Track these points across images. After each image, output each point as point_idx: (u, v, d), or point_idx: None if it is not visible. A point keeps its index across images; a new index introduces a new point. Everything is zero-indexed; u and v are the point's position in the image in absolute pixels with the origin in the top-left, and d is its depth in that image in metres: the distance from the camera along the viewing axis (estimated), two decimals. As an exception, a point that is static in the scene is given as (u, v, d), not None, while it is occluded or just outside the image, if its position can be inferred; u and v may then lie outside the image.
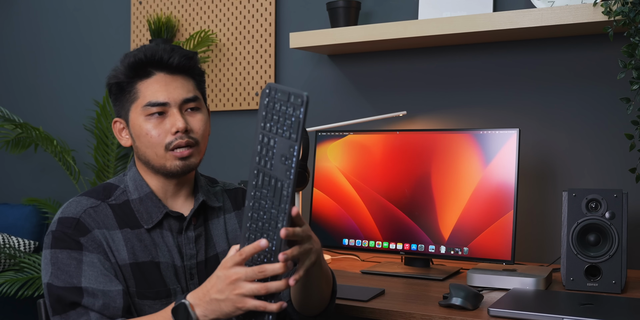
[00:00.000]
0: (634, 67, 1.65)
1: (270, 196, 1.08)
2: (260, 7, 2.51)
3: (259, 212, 1.09)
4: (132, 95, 1.32)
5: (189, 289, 1.34)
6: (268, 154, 1.08)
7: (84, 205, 1.31)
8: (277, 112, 1.07)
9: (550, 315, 1.32)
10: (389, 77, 2.30)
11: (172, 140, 1.29)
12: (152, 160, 1.32)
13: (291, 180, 1.05)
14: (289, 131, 1.05)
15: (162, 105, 1.29)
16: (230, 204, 1.46)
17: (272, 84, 1.08)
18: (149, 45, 1.32)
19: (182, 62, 1.31)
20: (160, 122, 1.30)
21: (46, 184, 3.10)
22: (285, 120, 1.05)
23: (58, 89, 3.06)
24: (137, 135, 1.32)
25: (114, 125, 1.38)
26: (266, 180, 1.08)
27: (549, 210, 2.05)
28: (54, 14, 3.07)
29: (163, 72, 1.31)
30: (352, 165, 1.97)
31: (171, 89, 1.30)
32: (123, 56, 1.33)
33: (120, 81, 1.32)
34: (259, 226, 1.09)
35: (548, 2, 1.94)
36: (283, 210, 1.06)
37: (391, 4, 2.28)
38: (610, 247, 1.60)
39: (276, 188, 1.07)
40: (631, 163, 1.89)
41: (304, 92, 1.04)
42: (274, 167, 1.07)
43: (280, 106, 1.06)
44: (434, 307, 1.46)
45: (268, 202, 1.08)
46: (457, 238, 1.81)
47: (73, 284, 1.22)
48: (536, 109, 2.08)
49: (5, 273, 2.58)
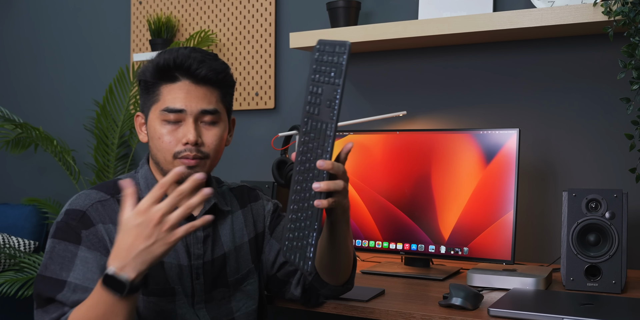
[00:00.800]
0: (634, 67, 1.65)
1: (317, 138, 1.17)
2: (260, 7, 2.51)
3: (307, 155, 1.18)
4: (154, 96, 1.32)
5: (194, 289, 1.34)
6: (316, 101, 1.18)
7: (92, 198, 1.32)
8: (325, 63, 1.16)
9: (550, 315, 1.32)
10: (389, 77, 2.30)
11: (182, 150, 1.29)
12: (161, 163, 1.33)
13: (334, 121, 1.14)
14: (334, 77, 1.14)
15: (178, 112, 1.29)
16: (236, 203, 1.48)
17: (322, 39, 1.18)
18: (183, 51, 1.30)
19: (209, 75, 1.31)
20: (175, 129, 1.30)
21: (46, 184, 3.10)
22: (331, 69, 1.15)
23: (58, 89, 3.06)
24: (151, 137, 1.34)
25: (136, 118, 1.39)
26: (313, 125, 1.18)
27: (549, 210, 2.05)
28: (54, 14, 3.07)
29: (189, 80, 1.30)
30: (352, 165, 1.97)
31: (191, 98, 1.30)
32: (157, 54, 1.33)
33: (146, 79, 1.33)
34: (306, 168, 1.18)
35: (548, 2, 1.94)
36: (325, 149, 1.15)
37: (391, 4, 2.28)
38: (610, 247, 1.60)
39: (321, 130, 1.16)
40: (631, 163, 1.89)
41: (347, 41, 1.14)
42: (320, 112, 1.17)
43: (327, 57, 1.16)
44: (434, 307, 1.46)
45: (314, 144, 1.17)
46: (457, 238, 1.81)
47: (61, 276, 1.23)
48: (536, 109, 2.08)
49: (5, 273, 2.58)
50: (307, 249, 1.19)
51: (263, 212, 1.51)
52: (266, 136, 2.51)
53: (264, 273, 1.49)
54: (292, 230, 1.22)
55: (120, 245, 1.10)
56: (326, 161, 1.14)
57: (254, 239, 1.47)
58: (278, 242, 1.48)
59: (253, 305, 1.45)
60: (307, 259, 1.19)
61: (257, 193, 1.53)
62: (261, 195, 1.53)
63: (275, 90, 2.50)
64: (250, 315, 1.44)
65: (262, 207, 1.51)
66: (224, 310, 1.39)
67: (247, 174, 2.53)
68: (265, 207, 1.51)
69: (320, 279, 1.41)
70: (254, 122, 2.54)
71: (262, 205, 1.51)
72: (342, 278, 1.42)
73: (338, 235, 1.30)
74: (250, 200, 1.50)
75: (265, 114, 2.53)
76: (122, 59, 2.87)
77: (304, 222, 1.19)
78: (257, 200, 1.52)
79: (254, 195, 1.52)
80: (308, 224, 1.18)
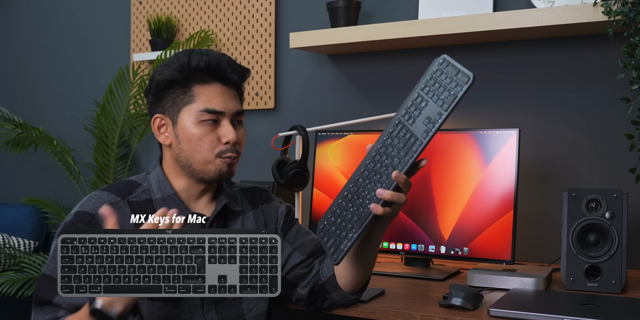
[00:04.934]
0: (634, 67, 1.65)
1: (400, 147, 1.18)
2: (260, 7, 2.51)
3: (382, 156, 1.21)
4: (187, 97, 1.33)
5: None
6: (415, 111, 1.18)
7: (103, 201, 1.33)
8: (440, 81, 1.16)
9: (550, 316, 1.32)
10: (389, 77, 2.30)
11: (225, 150, 1.34)
12: (196, 163, 1.34)
13: (425, 141, 1.14)
14: (444, 101, 1.13)
15: (218, 114, 1.33)
16: (247, 204, 1.48)
17: (447, 56, 1.18)
18: (214, 54, 1.34)
19: (239, 80, 1.37)
20: (212, 130, 1.33)
21: (46, 184, 3.10)
22: (444, 91, 1.14)
23: (58, 89, 3.07)
24: (185, 138, 1.33)
25: (153, 121, 1.38)
26: (402, 133, 1.19)
27: (549, 210, 2.05)
28: (54, 14, 3.08)
29: (220, 82, 1.35)
30: (352, 165, 1.97)
31: (227, 100, 1.35)
32: (176, 55, 1.34)
33: (174, 79, 1.33)
34: (376, 167, 1.21)
35: (548, 2, 1.94)
36: (405, 162, 1.16)
37: (391, 4, 2.28)
38: (610, 247, 1.60)
39: (408, 141, 1.17)
40: (631, 163, 1.89)
41: (472, 73, 1.11)
42: (415, 124, 1.17)
43: (446, 78, 1.15)
44: (434, 307, 1.46)
45: (394, 151, 1.19)
46: (457, 238, 1.81)
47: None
48: (536, 109, 2.08)
49: (5, 273, 2.58)
50: (343, 242, 1.22)
51: (276, 213, 1.51)
52: (266, 136, 2.51)
53: None
54: (337, 215, 1.25)
55: None
56: (402, 175, 1.16)
57: None
58: (290, 245, 1.48)
59: (264, 306, 1.45)
60: (340, 251, 1.22)
61: (270, 195, 1.54)
62: (274, 197, 1.54)
63: (275, 90, 2.50)
64: (261, 316, 1.44)
65: (274, 209, 1.51)
66: (235, 312, 1.39)
67: (247, 174, 2.53)
68: (278, 209, 1.52)
69: (336, 282, 1.41)
70: (254, 122, 2.54)
71: (274, 207, 1.51)
72: (357, 286, 1.42)
73: (373, 239, 1.33)
74: (262, 201, 1.51)
75: (265, 114, 2.53)
76: (122, 59, 2.87)
77: (352, 215, 1.22)
78: (270, 201, 1.52)
79: (266, 197, 1.52)
80: (356, 219, 1.21)
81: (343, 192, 1.26)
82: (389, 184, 1.18)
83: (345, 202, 1.25)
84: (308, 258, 1.47)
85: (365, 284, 1.45)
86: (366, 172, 1.23)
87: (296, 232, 1.50)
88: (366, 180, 1.22)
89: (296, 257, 1.46)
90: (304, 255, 1.46)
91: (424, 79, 1.20)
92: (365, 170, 1.24)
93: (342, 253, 1.21)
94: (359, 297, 1.46)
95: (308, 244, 1.48)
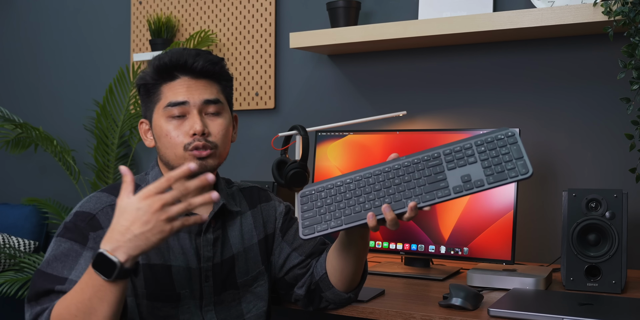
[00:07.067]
0: (634, 67, 1.65)
1: (426, 181, 1.18)
2: (260, 7, 2.51)
3: (406, 176, 1.20)
4: (156, 96, 1.34)
5: (203, 291, 1.34)
6: (459, 160, 1.18)
7: (103, 202, 1.32)
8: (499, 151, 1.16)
9: (550, 316, 1.32)
10: (389, 77, 2.30)
11: (191, 141, 1.30)
12: (172, 161, 1.33)
13: (452, 197, 1.15)
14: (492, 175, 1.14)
15: (181, 105, 1.31)
16: (246, 203, 1.47)
17: (518, 133, 1.17)
18: (176, 49, 1.34)
19: (206, 66, 1.33)
20: (181, 124, 1.32)
21: (46, 184, 3.10)
22: (497, 164, 1.14)
23: (58, 89, 3.07)
24: (158, 136, 1.34)
25: (140, 126, 1.40)
26: (436, 169, 1.19)
27: (549, 210, 2.05)
28: (54, 14, 3.07)
29: (187, 75, 1.33)
30: (352, 165, 1.97)
31: (192, 90, 1.32)
32: (152, 59, 1.35)
33: (146, 83, 1.34)
34: (394, 182, 1.20)
35: (548, 2, 1.94)
36: (425, 200, 1.16)
37: (391, 4, 2.28)
38: (610, 247, 1.60)
39: (437, 182, 1.17)
40: (631, 163, 1.89)
41: (532, 169, 1.12)
42: (452, 171, 1.17)
43: (506, 153, 1.15)
44: (434, 307, 1.46)
45: (421, 180, 1.19)
46: (457, 238, 1.81)
47: (62, 274, 1.22)
48: (536, 109, 2.08)
49: (5, 273, 2.58)
50: (321, 224, 1.22)
51: (274, 213, 1.50)
52: (266, 136, 2.51)
53: (271, 275, 1.49)
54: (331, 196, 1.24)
55: (115, 228, 1.09)
56: (414, 210, 1.18)
57: (263, 240, 1.46)
58: (289, 246, 1.48)
59: (263, 306, 1.44)
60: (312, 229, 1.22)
61: (268, 194, 1.53)
62: (272, 197, 1.53)
63: (275, 90, 2.50)
64: (261, 316, 1.44)
65: (273, 209, 1.50)
66: (234, 312, 1.39)
67: (247, 174, 2.53)
68: (277, 208, 1.51)
69: (328, 280, 1.41)
70: (254, 122, 2.54)
71: (273, 207, 1.51)
72: (350, 285, 1.43)
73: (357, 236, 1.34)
74: (261, 200, 1.50)
75: (265, 114, 2.53)
76: (122, 59, 2.87)
77: (345, 207, 1.22)
78: (268, 201, 1.51)
79: (264, 196, 1.51)
80: (346, 213, 1.21)
81: (347, 180, 1.25)
82: (397, 206, 1.18)
83: (346, 191, 1.24)
84: (306, 259, 1.47)
85: (360, 283, 1.45)
86: (381, 179, 1.22)
87: (295, 232, 1.49)
88: (377, 185, 1.22)
89: (295, 258, 1.46)
90: (302, 255, 1.46)
91: (484, 137, 1.18)
92: (381, 176, 1.23)
93: (314, 232, 1.22)
94: (353, 296, 1.45)
95: (307, 244, 1.47)
